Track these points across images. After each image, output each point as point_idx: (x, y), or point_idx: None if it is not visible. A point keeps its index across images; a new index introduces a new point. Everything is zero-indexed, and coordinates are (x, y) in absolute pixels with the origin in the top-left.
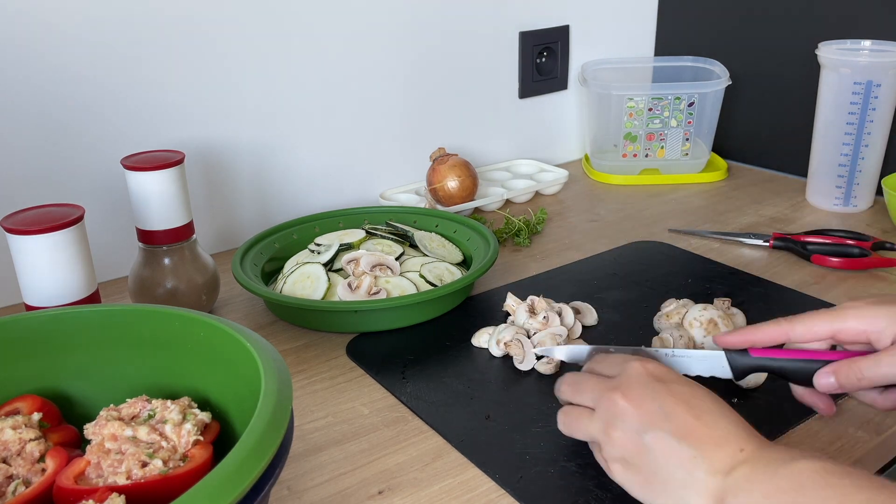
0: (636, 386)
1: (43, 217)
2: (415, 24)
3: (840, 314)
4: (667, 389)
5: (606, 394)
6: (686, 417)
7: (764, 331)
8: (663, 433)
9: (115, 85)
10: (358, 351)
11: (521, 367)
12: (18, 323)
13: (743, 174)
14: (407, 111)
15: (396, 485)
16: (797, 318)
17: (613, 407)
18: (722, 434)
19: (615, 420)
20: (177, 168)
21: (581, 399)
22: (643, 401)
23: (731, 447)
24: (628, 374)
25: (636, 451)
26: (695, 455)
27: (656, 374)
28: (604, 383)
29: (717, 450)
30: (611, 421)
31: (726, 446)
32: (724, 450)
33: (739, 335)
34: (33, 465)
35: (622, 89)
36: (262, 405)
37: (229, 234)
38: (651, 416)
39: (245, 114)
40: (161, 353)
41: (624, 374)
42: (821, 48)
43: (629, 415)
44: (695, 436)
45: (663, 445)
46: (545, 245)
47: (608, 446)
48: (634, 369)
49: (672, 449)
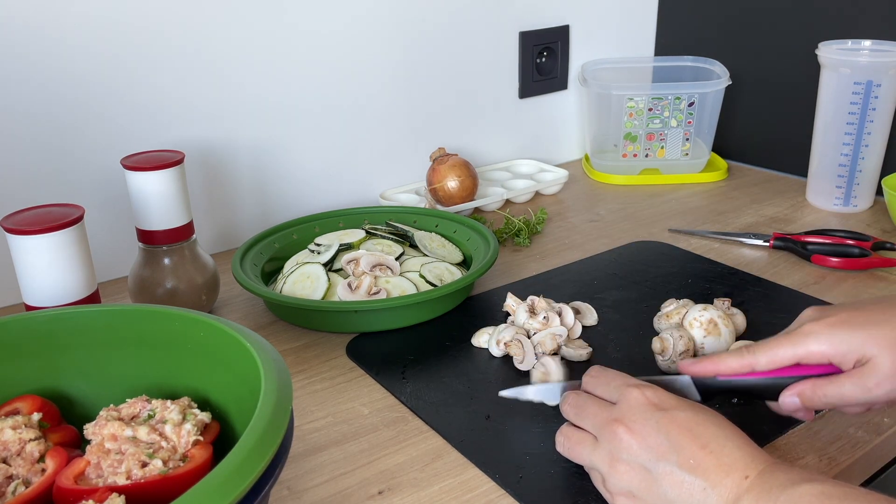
0: (638, 417)
1: (43, 217)
2: (415, 24)
3: (802, 341)
4: (669, 418)
5: (609, 425)
6: (692, 448)
7: (728, 363)
8: (671, 466)
9: (115, 85)
10: (358, 351)
11: (521, 367)
12: (18, 323)
13: (743, 174)
14: (407, 111)
15: (396, 485)
16: (760, 348)
17: (617, 440)
18: (728, 462)
19: (620, 453)
20: (177, 168)
21: (583, 424)
22: (647, 433)
23: (737, 475)
24: (629, 404)
25: (644, 485)
26: (704, 487)
27: (656, 402)
28: (606, 411)
29: (725, 478)
30: (615, 454)
31: (733, 474)
32: (730, 478)
33: (704, 365)
34: (33, 465)
35: (622, 89)
36: (262, 405)
37: (229, 234)
38: (657, 449)
39: (245, 114)
40: (161, 353)
41: (624, 402)
42: (821, 48)
43: (635, 449)
44: (702, 467)
45: (672, 479)
46: (545, 245)
47: (613, 479)
48: (634, 398)
49: (682, 482)
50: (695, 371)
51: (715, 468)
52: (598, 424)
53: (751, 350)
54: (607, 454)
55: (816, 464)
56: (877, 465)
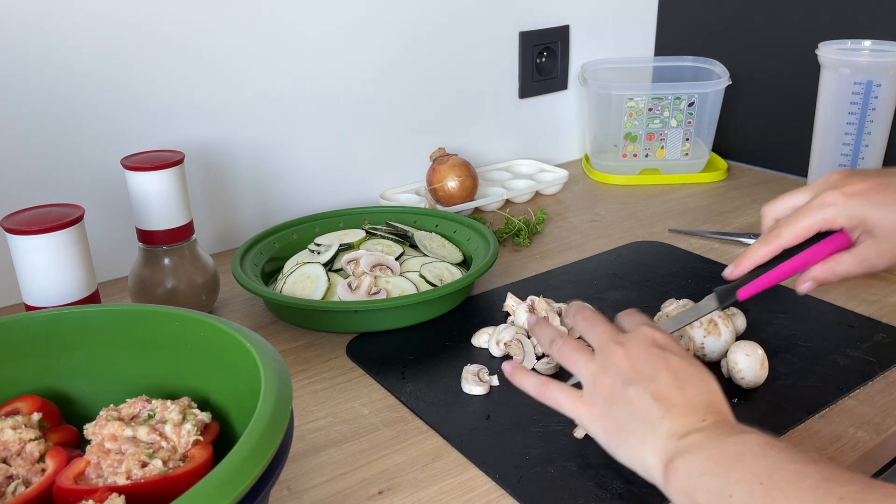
0: (639, 346)
1: (43, 217)
2: (415, 23)
3: (820, 212)
4: (664, 357)
5: (611, 344)
6: (669, 384)
7: (759, 252)
8: (644, 390)
9: (115, 85)
10: (358, 351)
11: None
12: (18, 323)
13: (743, 174)
14: (407, 111)
15: (396, 485)
16: (783, 226)
17: (612, 357)
18: (694, 404)
19: (609, 368)
20: (177, 168)
21: (588, 336)
22: (639, 360)
23: (696, 416)
24: (636, 335)
25: (616, 400)
26: (662, 416)
27: (660, 342)
28: (613, 334)
29: (683, 416)
30: (605, 367)
31: (693, 415)
32: (689, 417)
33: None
34: (33, 465)
35: (622, 89)
36: (262, 405)
37: (229, 234)
38: (640, 374)
39: (245, 114)
40: (161, 353)
41: (633, 333)
42: (821, 48)
43: (623, 368)
44: (669, 401)
45: (640, 402)
46: (545, 245)
47: (592, 389)
48: (643, 332)
49: (646, 407)
50: (736, 273)
51: (680, 405)
52: (602, 341)
53: (775, 232)
54: (598, 367)
55: None
56: (877, 465)
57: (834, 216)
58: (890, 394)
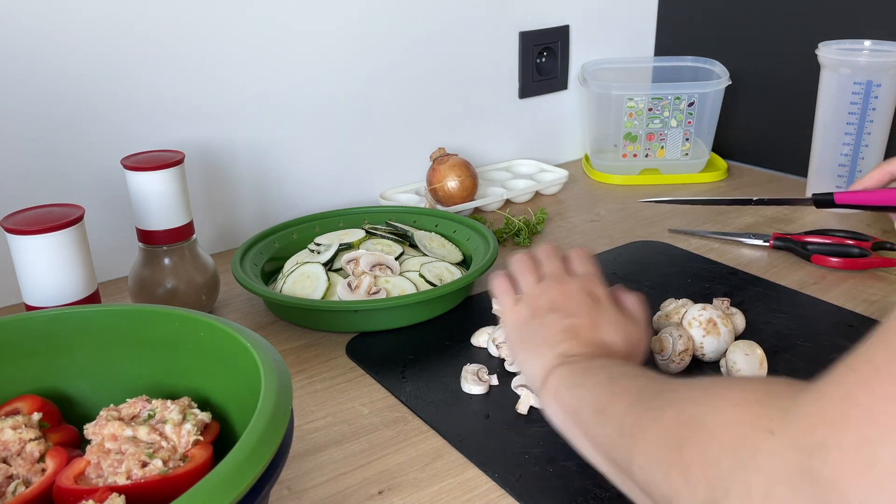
0: (576, 290)
1: (43, 217)
2: (415, 24)
3: None
4: (593, 303)
5: (557, 277)
6: (585, 320)
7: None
8: (562, 319)
9: (115, 85)
10: (358, 351)
11: (511, 369)
12: (18, 323)
13: (743, 174)
14: (407, 111)
15: (396, 485)
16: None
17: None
18: (596, 340)
19: (545, 292)
20: (177, 168)
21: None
22: (570, 295)
23: (591, 347)
24: (580, 280)
25: (536, 316)
26: (562, 341)
27: (596, 294)
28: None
29: (580, 347)
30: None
31: (589, 346)
32: (584, 348)
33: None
34: (33, 465)
35: (622, 89)
36: (262, 405)
37: (229, 234)
38: (566, 305)
39: (245, 114)
40: (161, 353)
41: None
42: (821, 48)
43: (555, 297)
44: (576, 328)
45: (552, 325)
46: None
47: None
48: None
49: (555, 331)
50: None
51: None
52: (551, 272)
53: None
54: (538, 289)
55: None
56: None
57: None
58: None
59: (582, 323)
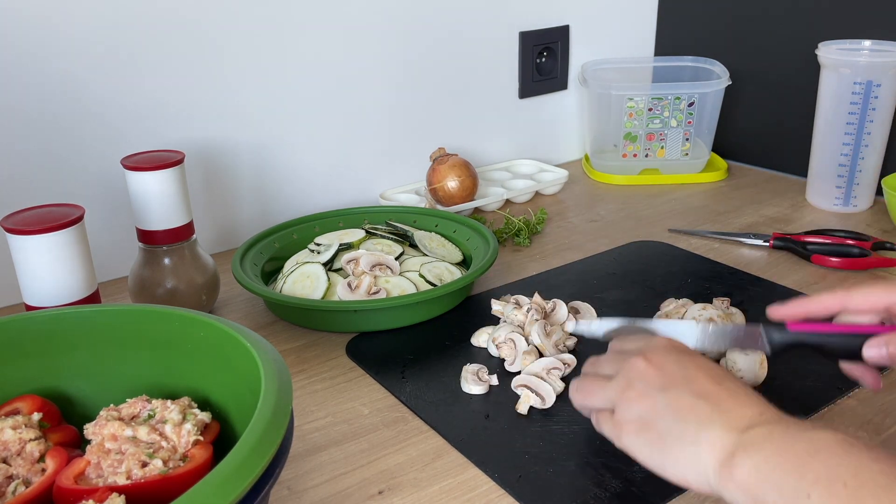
0: (660, 352)
1: (43, 217)
2: (415, 24)
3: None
4: (689, 358)
5: (629, 359)
6: (707, 381)
7: (820, 300)
8: (683, 391)
9: (116, 85)
10: (358, 351)
11: (511, 369)
12: (18, 323)
13: (743, 174)
14: (407, 111)
15: (396, 485)
16: (853, 288)
17: (634, 369)
18: (743, 399)
19: (635, 381)
20: (177, 168)
21: (600, 369)
22: (666, 364)
23: (751, 409)
24: (654, 343)
25: (652, 409)
26: (713, 411)
27: (680, 347)
28: (627, 353)
29: (738, 409)
30: (630, 382)
31: (747, 408)
32: (744, 409)
33: (795, 306)
34: (33, 465)
35: (622, 89)
36: (262, 405)
37: (229, 234)
38: (672, 377)
39: (245, 114)
40: (161, 353)
41: (650, 343)
42: (821, 48)
43: (650, 375)
44: (714, 396)
45: (682, 403)
46: (545, 245)
47: (624, 406)
48: (661, 341)
49: (690, 405)
50: (785, 312)
51: (728, 399)
52: (618, 364)
53: (844, 289)
54: (623, 382)
55: None
56: None
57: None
58: (890, 394)
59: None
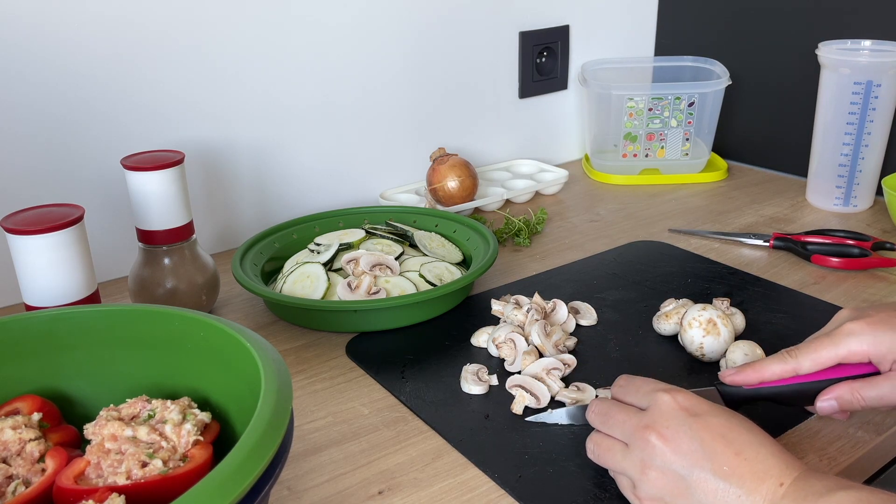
0: (671, 423)
1: (43, 217)
2: (415, 24)
3: (843, 341)
4: (702, 424)
5: (640, 432)
6: (726, 454)
7: (771, 369)
8: (705, 473)
9: (116, 85)
10: (358, 351)
11: (511, 370)
12: (18, 323)
13: (743, 174)
14: (407, 111)
15: (396, 485)
16: (801, 352)
17: (649, 446)
18: (762, 468)
19: (652, 460)
20: (177, 168)
21: (612, 431)
22: (680, 440)
23: (772, 482)
24: (660, 409)
25: (676, 492)
26: (739, 494)
27: (688, 407)
28: (635, 418)
29: (760, 485)
30: (647, 461)
31: (768, 481)
32: (765, 485)
33: (747, 374)
34: (33, 465)
35: (622, 89)
36: (262, 405)
37: (229, 234)
38: (691, 455)
39: (245, 114)
40: (161, 353)
41: (655, 407)
42: (821, 48)
43: (668, 455)
44: (737, 474)
45: (706, 487)
46: (545, 245)
47: (645, 486)
48: (666, 403)
49: (716, 490)
50: (739, 380)
51: (750, 475)
52: (629, 431)
53: (792, 354)
54: (639, 461)
55: (816, 463)
56: (877, 465)
57: (859, 345)
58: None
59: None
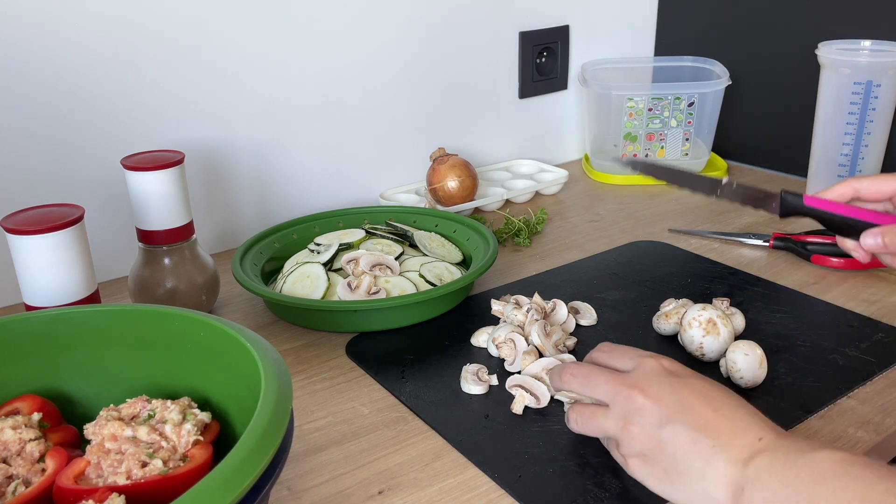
0: (654, 382)
1: (43, 217)
2: (415, 24)
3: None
4: (683, 384)
5: (624, 390)
6: (704, 410)
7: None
8: (682, 426)
9: (116, 85)
10: (358, 351)
11: (510, 369)
12: (18, 323)
13: (743, 174)
14: (407, 111)
15: (396, 485)
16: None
17: (631, 403)
18: (740, 425)
19: (634, 416)
20: (177, 168)
21: (594, 393)
22: (661, 396)
23: (749, 436)
24: (644, 370)
25: (655, 446)
26: (713, 445)
27: (672, 369)
28: (619, 378)
29: (736, 439)
30: (629, 417)
31: (745, 436)
32: (742, 439)
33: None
34: (33, 465)
35: (622, 89)
36: (262, 405)
37: (229, 234)
38: (669, 409)
39: (245, 114)
40: (161, 353)
41: (639, 369)
42: (821, 48)
43: (648, 410)
44: (713, 427)
45: (682, 438)
46: (545, 245)
47: (627, 442)
48: (650, 365)
49: (691, 441)
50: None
51: (727, 429)
52: (612, 391)
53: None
54: (621, 418)
55: None
56: None
57: None
58: (890, 394)
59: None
